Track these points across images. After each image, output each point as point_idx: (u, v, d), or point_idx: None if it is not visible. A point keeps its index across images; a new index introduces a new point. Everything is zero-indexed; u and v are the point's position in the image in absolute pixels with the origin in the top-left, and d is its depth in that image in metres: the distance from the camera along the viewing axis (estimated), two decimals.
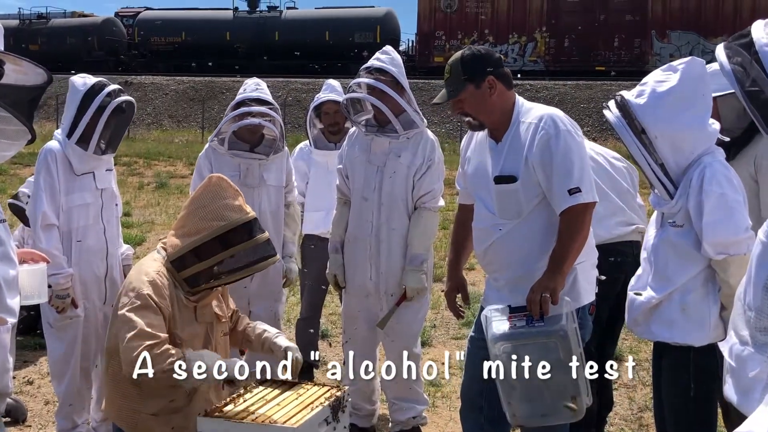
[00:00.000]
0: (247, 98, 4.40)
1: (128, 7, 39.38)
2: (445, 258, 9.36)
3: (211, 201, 3.16)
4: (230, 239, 3.11)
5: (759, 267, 1.70)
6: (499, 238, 3.28)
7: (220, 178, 3.27)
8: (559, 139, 3.16)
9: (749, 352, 1.71)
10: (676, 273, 3.01)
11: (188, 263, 3.14)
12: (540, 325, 3.04)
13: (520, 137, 3.24)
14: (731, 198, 2.90)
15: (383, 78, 4.13)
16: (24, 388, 5.20)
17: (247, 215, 3.16)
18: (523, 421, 3.18)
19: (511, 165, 3.23)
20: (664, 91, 2.99)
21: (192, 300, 3.20)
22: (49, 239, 3.98)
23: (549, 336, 3.03)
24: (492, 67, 3.26)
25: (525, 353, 3.01)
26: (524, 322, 3.07)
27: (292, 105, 27.73)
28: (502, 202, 3.26)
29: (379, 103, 4.10)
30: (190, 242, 3.13)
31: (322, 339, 6.30)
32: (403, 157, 4.16)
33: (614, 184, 4.04)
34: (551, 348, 3.03)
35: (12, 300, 2.18)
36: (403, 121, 4.15)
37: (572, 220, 3.12)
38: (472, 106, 3.26)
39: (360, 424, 4.46)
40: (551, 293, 3.03)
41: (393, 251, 4.20)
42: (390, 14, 33.30)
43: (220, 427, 2.87)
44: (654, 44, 28.97)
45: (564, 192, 3.13)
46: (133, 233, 10.11)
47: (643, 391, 5.23)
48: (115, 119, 4.09)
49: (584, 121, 25.12)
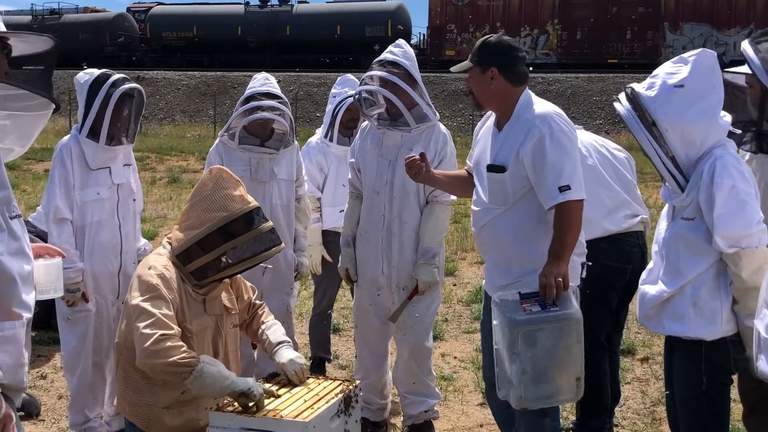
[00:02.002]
0: (256, 92, 4.40)
1: (140, 2, 39.48)
2: (456, 252, 9.39)
3: (213, 192, 3.17)
4: (234, 229, 3.12)
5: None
6: (489, 222, 3.44)
7: (220, 169, 3.28)
8: (552, 138, 3.29)
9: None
10: (687, 266, 3.00)
11: (194, 256, 3.15)
12: (555, 309, 3.12)
13: (516, 131, 3.38)
14: (743, 191, 2.88)
15: (396, 71, 4.13)
16: (37, 383, 5.23)
17: (248, 205, 3.16)
18: (528, 404, 3.24)
19: (504, 155, 3.39)
20: (675, 83, 2.97)
21: (200, 293, 3.21)
22: (61, 233, 3.99)
23: (564, 320, 3.13)
24: (501, 62, 3.40)
25: (541, 337, 3.12)
26: (539, 307, 3.13)
27: (303, 99, 27.76)
28: (492, 188, 3.43)
29: (391, 96, 4.10)
30: (194, 235, 3.14)
31: (334, 333, 6.31)
32: (415, 151, 4.15)
33: (619, 176, 4.11)
34: (565, 332, 3.14)
35: (27, 295, 2.19)
36: (416, 115, 4.15)
37: (564, 215, 3.25)
38: (473, 86, 3.49)
39: (371, 418, 4.46)
40: (564, 279, 3.15)
41: (405, 245, 4.20)
42: (401, 8, 33.23)
43: (232, 422, 2.89)
44: (667, 36, 28.78)
45: (554, 189, 3.25)
46: (146, 228, 10.14)
47: (656, 385, 5.21)
48: (124, 108, 4.08)
49: (596, 114, 25.03)
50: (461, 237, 10.10)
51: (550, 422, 3.46)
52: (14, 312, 2.16)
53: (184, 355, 2.91)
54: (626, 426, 4.66)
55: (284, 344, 3.34)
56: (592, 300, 4.05)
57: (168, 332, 2.92)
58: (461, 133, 22.77)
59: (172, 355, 2.88)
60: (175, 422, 3.14)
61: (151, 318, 2.93)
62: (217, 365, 2.96)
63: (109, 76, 4.07)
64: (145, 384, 3.13)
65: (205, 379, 2.90)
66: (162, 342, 2.89)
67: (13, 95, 2.24)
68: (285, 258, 4.47)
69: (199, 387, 2.92)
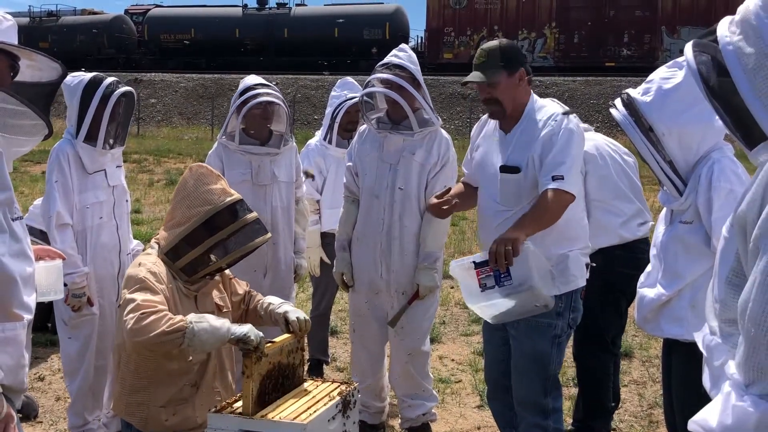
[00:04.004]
0: (250, 85, 4.43)
1: (138, 4, 39.52)
2: (453, 255, 9.39)
3: (195, 189, 3.20)
4: (218, 222, 3.14)
5: (722, 261, 1.74)
6: (501, 223, 3.41)
7: (200, 165, 3.31)
8: (562, 133, 3.34)
9: (716, 342, 1.75)
10: (685, 269, 3.01)
11: (182, 252, 3.17)
12: (509, 283, 3.14)
13: (529, 132, 3.40)
14: (740, 194, 2.89)
15: (402, 74, 4.13)
16: (35, 385, 5.23)
17: (231, 197, 3.18)
18: (499, 320, 3.37)
19: (517, 157, 3.40)
20: (670, 88, 2.98)
21: (192, 289, 3.22)
22: (63, 239, 3.99)
23: (519, 292, 3.16)
24: (523, 62, 3.46)
25: (499, 305, 3.23)
26: (493, 280, 3.16)
27: (301, 102, 27.76)
28: (504, 190, 3.42)
29: (399, 98, 4.08)
30: (180, 231, 3.16)
31: (332, 335, 6.32)
32: (418, 155, 4.15)
33: (632, 184, 4.18)
34: (524, 298, 3.19)
35: (28, 297, 2.20)
36: (419, 119, 4.15)
37: (546, 199, 3.25)
38: (502, 92, 3.41)
39: (369, 421, 4.47)
40: (512, 244, 3.09)
41: (405, 249, 4.20)
42: (399, 11, 33.28)
43: (231, 424, 2.89)
44: (664, 40, 28.86)
45: (549, 176, 3.27)
46: (143, 230, 10.14)
47: (653, 388, 5.23)
48: (118, 111, 4.10)
49: (594, 117, 25.06)
50: (459, 239, 10.11)
51: (553, 424, 3.48)
52: (15, 313, 2.17)
53: (170, 323, 2.89)
54: (623, 428, 4.67)
55: (286, 303, 3.39)
56: (603, 305, 4.09)
57: (148, 310, 2.92)
58: (458, 136, 22.76)
59: (157, 327, 2.87)
60: (171, 421, 3.15)
61: (133, 303, 2.94)
62: (206, 319, 2.95)
63: (102, 79, 4.08)
64: (141, 384, 3.14)
65: (200, 337, 2.90)
66: (143, 319, 2.89)
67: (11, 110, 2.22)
68: (284, 260, 4.48)
69: (199, 346, 2.93)
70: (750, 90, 1.58)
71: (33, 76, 2.36)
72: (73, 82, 4.08)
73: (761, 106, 1.57)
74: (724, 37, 1.62)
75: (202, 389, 3.19)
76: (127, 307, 2.95)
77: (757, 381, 1.54)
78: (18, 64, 2.31)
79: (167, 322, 2.89)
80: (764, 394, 1.53)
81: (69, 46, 34.64)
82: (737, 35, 1.61)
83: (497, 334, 3.61)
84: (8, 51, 2.29)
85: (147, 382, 3.13)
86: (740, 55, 1.59)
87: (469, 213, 6.81)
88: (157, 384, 3.12)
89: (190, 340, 2.89)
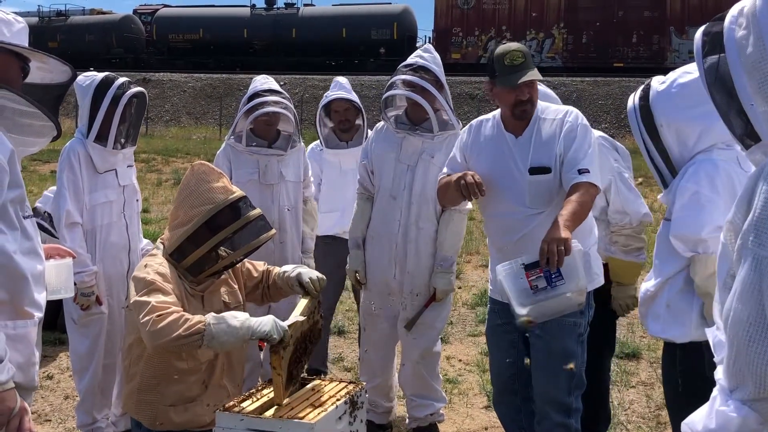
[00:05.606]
0: (258, 90, 4.43)
1: (146, 4, 39.62)
2: (461, 255, 9.37)
3: (197, 188, 3.19)
4: (221, 221, 3.14)
5: (720, 265, 1.77)
6: (535, 226, 3.34)
7: (201, 164, 3.31)
8: (581, 129, 3.40)
9: (719, 339, 1.77)
10: (664, 265, 2.98)
11: (186, 252, 3.16)
12: (561, 283, 3.09)
13: (546, 132, 3.41)
14: (705, 196, 2.83)
15: (427, 77, 4.11)
16: (44, 383, 5.24)
17: (233, 194, 3.18)
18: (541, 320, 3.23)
19: (543, 157, 3.39)
20: (685, 82, 2.96)
21: (198, 290, 3.23)
22: (73, 238, 4.00)
23: (567, 292, 3.11)
24: None
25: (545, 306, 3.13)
26: (545, 281, 3.09)
27: (309, 102, 27.80)
28: (534, 192, 3.39)
29: (422, 101, 4.05)
30: (184, 231, 3.15)
31: (339, 335, 6.33)
32: (437, 158, 4.10)
33: None
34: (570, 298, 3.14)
35: (39, 295, 2.21)
36: (440, 120, 4.13)
37: (581, 192, 3.24)
38: (536, 92, 3.46)
39: (377, 421, 4.47)
40: (565, 244, 3.05)
41: (421, 251, 4.17)
42: (407, 11, 33.29)
43: (239, 422, 2.90)
44: (673, 40, 28.78)
45: (574, 170, 3.29)
46: (152, 229, 10.18)
47: (660, 389, 5.20)
48: (130, 111, 4.12)
49: (602, 117, 25.04)
50: (466, 240, 10.08)
51: (575, 424, 3.45)
52: (26, 311, 2.19)
53: (187, 325, 2.87)
54: (631, 429, 4.66)
55: (300, 266, 3.39)
56: (611, 316, 4.05)
57: (164, 312, 2.91)
58: None
59: (175, 330, 2.86)
60: (180, 419, 3.16)
61: (147, 306, 2.94)
62: (224, 320, 2.91)
63: (114, 80, 4.10)
64: (151, 382, 3.15)
65: (219, 338, 2.88)
66: (159, 321, 2.89)
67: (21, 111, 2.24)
68: (292, 260, 4.48)
69: (218, 347, 2.93)
70: (745, 89, 1.59)
71: (43, 78, 2.37)
72: (86, 82, 4.10)
73: (756, 106, 1.58)
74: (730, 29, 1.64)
75: (211, 387, 3.20)
76: (141, 310, 2.95)
77: (740, 387, 1.62)
78: (29, 66, 2.33)
79: (184, 323, 2.88)
80: (746, 400, 1.61)
81: (78, 46, 34.76)
82: (742, 29, 1.61)
83: (506, 338, 3.56)
84: (19, 53, 2.30)
85: (157, 381, 3.14)
86: (741, 51, 1.60)
87: (476, 214, 6.79)
88: (167, 382, 3.13)
89: (209, 342, 2.89)
